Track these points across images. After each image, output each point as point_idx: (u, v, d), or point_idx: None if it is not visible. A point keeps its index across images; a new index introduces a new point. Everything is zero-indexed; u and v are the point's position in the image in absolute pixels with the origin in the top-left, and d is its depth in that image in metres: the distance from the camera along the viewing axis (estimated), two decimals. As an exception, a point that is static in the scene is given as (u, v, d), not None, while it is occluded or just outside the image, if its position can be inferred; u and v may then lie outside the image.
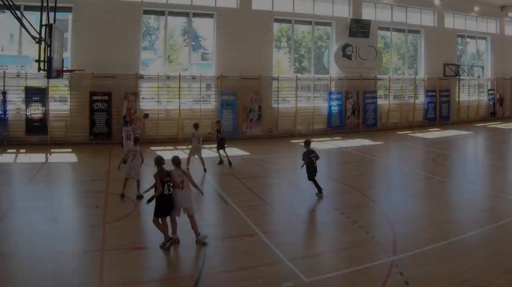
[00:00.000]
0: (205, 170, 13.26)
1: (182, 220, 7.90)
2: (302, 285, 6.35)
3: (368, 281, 6.52)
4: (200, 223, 8.41)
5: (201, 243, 7.69)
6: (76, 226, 8.93)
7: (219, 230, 8.92)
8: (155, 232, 7.89)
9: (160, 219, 7.61)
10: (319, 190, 10.70)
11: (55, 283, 6.41)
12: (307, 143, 11.05)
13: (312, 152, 10.89)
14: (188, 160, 13.43)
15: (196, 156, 13.48)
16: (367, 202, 10.53)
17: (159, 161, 7.70)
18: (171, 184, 7.59)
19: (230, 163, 14.13)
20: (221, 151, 14.34)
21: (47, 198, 10.87)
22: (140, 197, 10.18)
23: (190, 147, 13.85)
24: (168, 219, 7.74)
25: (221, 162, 14.34)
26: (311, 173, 10.76)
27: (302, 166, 10.87)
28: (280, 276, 6.63)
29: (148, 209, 9.76)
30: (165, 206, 7.57)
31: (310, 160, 10.73)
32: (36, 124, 17.72)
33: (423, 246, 7.59)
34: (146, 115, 16.24)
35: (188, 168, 12.77)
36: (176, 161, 7.86)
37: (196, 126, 13.72)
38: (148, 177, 10.65)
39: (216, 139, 14.41)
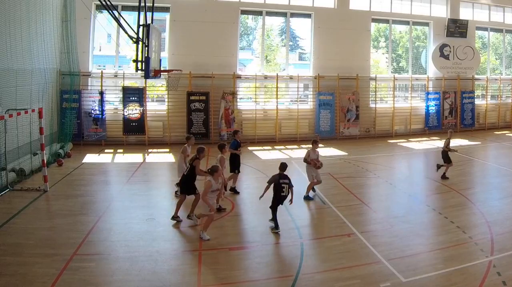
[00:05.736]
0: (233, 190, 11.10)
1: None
2: (400, 285, 6.34)
3: (466, 281, 6.44)
4: (298, 222, 8.91)
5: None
6: (173, 226, 8.81)
7: (317, 230, 8.98)
8: (253, 232, 8.46)
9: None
10: (276, 225, 8.33)
11: (153, 283, 6.42)
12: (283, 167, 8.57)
13: (285, 177, 8.39)
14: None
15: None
16: (465, 202, 10.35)
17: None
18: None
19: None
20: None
21: (144, 198, 10.81)
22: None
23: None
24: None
25: None
26: (277, 202, 8.35)
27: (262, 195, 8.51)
28: (377, 276, 6.61)
29: (246, 209, 10.05)
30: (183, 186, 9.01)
31: (279, 185, 8.23)
32: (133, 124, 17.78)
33: (522, 246, 7.51)
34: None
35: (234, 187, 11.02)
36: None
37: (235, 133, 11.43)
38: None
39: None
